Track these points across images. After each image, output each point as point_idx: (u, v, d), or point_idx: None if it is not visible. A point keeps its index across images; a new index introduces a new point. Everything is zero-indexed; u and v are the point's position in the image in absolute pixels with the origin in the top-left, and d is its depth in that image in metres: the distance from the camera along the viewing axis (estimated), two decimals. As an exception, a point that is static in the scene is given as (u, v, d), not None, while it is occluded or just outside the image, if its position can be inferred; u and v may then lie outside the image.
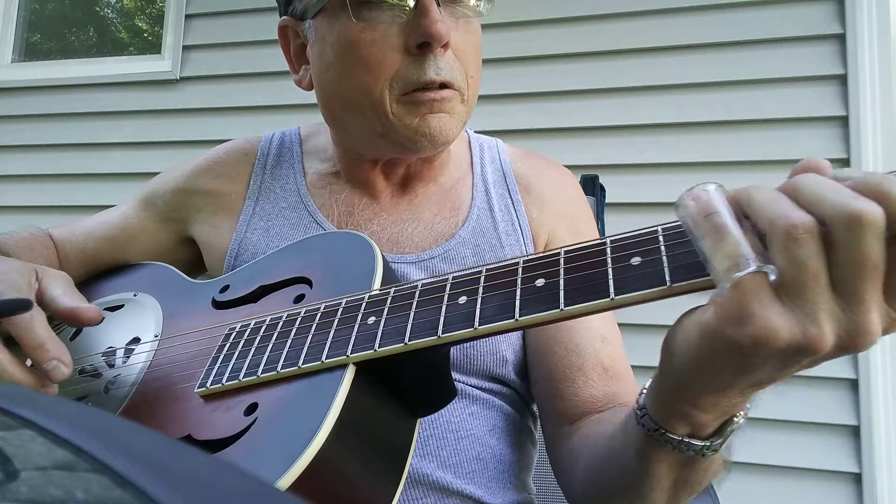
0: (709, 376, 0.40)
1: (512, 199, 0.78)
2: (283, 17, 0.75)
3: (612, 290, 0.42)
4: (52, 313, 0.59)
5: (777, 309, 0.35)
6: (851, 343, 0.35)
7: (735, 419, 0.45)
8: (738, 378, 0.40)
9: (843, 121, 1.74)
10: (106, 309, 0.73)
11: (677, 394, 0.44)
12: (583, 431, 0.64)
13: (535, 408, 0.78)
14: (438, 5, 0.64)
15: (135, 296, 0.74)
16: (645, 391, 0.48)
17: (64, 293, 0.59)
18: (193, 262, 0.85)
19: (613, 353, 0.70)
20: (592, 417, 0.65)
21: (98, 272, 0.84)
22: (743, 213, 0.38)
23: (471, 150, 0.83)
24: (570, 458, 0.65)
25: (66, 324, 0.62)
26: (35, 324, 0.54)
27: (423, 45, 0.64)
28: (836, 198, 0.35)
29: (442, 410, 0.54)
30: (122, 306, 0.73)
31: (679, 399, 0.44)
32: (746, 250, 0.36)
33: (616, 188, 1.42)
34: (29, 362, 0.56)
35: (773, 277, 0.35)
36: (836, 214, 0.34)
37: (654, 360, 0.45)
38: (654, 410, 0.46)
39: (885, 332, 0.36)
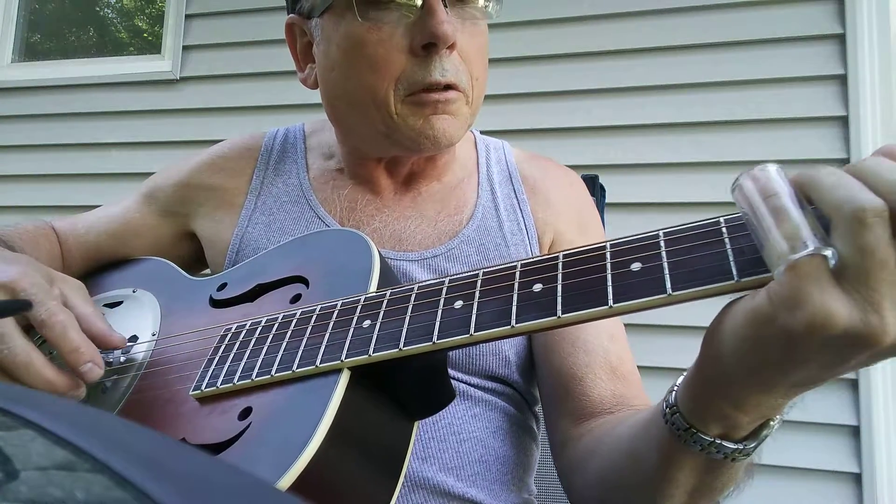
0: (755, 370, 0.38)
1: (518, 199, 0.78)
2: (291, 15, 0.75)
3: (610, 297, 0.41)
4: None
5: (836, 294, 0.33)
6: None
7: (771, 423, 0.43)
8: (785, 373, 0.37)
9: (843, 121, 1.74)
10: (105, 305, 0.73)
11: (719, 390, 0.41)
12: (596, 433, 0.62)
13: (537, 408, 0.77)
14: (445, 6, 0.64)
15: (134, 292, 0.74)
16: (676, 388, 0.45)
17: (93, 312, 0.60)
18: (195, 256, 0.85)
19: (621, 352, 0.70)
20: (605, 418, 0.64)
21: (99, 266, 0.84)
22: (805, 197, 0.36)
23: (476, 151, 0.83)
24: (581, 460, 0.63)
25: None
26: (69, 330, 0.56)
27: (428, 45, 0.64)
28: None
29: (444, 413, 0.54)
30: (122, 303, 0.73)
31: (720, 396, 0.41)
32: (806, 232, 0.34)
33: (616, 188, 1.41)
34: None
35: (833, 262, 0.34)
36: None
37: (660, 360, 0.44)
38: (687, 409, 0.44)
39: None
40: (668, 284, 0.39)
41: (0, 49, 2.55)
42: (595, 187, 1.08)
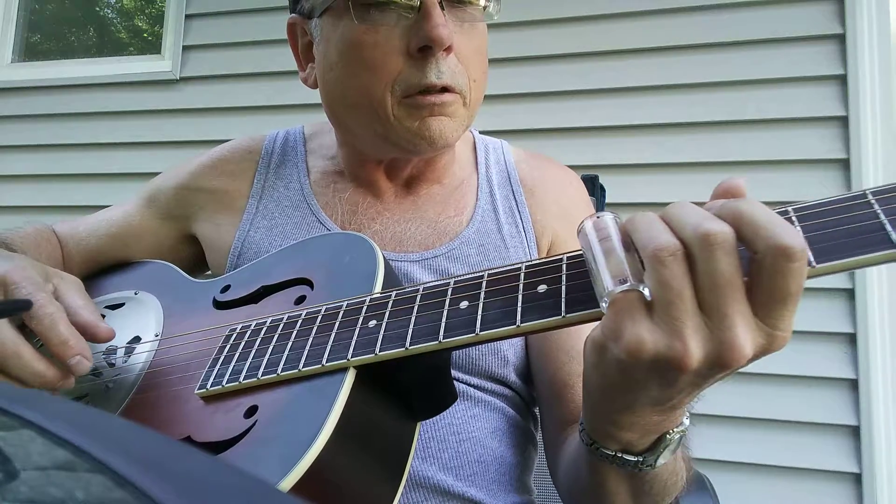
0: (608, 393, 0.42)
1: (516, 201, 0.78)
2: (292, 15, 0.75)
3: None
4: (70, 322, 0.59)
5: (646, 325, 0.37)
6: (719, 359, 0.36)
7: (668, 436, 0.45)
8: (632, 393, 0.41)
9: (843, 121, 1.74)
10: (107, 307, 0.73)
11: (595, 413, 0.46)
12: (569, 441, 0.64)
13: (536, 410, 0.78)
14: (442, 8, 0.63)
15: (136, 294, 0.74)
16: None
17: (84, 305, 0.60)
18: (195, 259, 0.85)
19: None
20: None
21: (100, 269, 0.84)
22: (630, 239, 0.40)
23: (475, 152, 0.83)
24: (559, 463, 0.66)
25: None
26: (58, 322, 0.56)
27: (424, 48, 0.64)
28: (693, 220, 0.37)
29: (444, 413, 0.54)
30: (123, 304, 0.73)
31: (598, 418, 0.46)
32: (626, 270, 0.39)
33: (616, 188, 1.42)
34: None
35: (648, 296, 0.38)
36: (691, 235, 0.37)
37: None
38: (588, 427, 0.48)
39: (765, 349, 0.37)
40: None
41: (0, 49, 2.55)
42: (595, 187, 1.08)
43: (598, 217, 0.42)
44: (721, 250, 0.36)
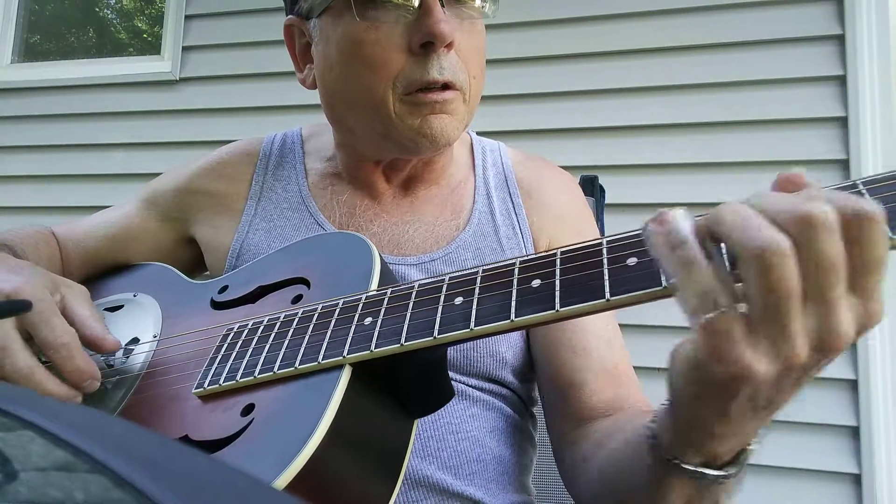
0: (712, 406, 0.39)
1: (513, 203, 0.78)
2: (289, 16, 0.75)
3: (607, 290, 0.41)
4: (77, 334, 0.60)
5: (750, 348, 0.35)
6: (826, 346, 0.35)
7: (749, 447, 0.44)
8: (739, 406, 0.38)
9: (843, 121, 1.74)
10: (106, 309, 0.73)
11: (690, 425, 0.42)
12: (595, 439, 0.63)
13: (534, 410, 0.78)
14: (443, 6, 0.64)
15: (134, 296, 0.74)
16: (655, 419, 0.46)
17: (91, 316, 0.61)
18: (194, 262, 0.85)
19: (618, 356, 0.70)
20: (602, 423, 0.64)
21: (99, 271, 0.84)
22: (711, 236, 0.37)
23: (473, 153, 0.83)
24: (580, 463, 0.64)
25: (86, 346, 0.62)
26: (73, 351, 0.56)
27: (426, 44, 0.64)
28: (786, 206, 0.35)
29: (442, 412, 0.54)
30: (122, 307, 0.73)
31: (694, 429, 0.42)
32: (715, 289, 0.35)
33: (616, 188, 1.41)
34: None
35: (743, 311, 0.35)
36: (789, 221, 0.34)
37: (653, 360, 0.44)
38: (666, 441, 0.45)
39: (864, 326, 0.36)
40: (664, 277, 0.40)
41: (0, 49, 2.55)
42: (595, 188, 1.08)
43: (667, 219, 0.37)
44: (825, 230, 0.33)
